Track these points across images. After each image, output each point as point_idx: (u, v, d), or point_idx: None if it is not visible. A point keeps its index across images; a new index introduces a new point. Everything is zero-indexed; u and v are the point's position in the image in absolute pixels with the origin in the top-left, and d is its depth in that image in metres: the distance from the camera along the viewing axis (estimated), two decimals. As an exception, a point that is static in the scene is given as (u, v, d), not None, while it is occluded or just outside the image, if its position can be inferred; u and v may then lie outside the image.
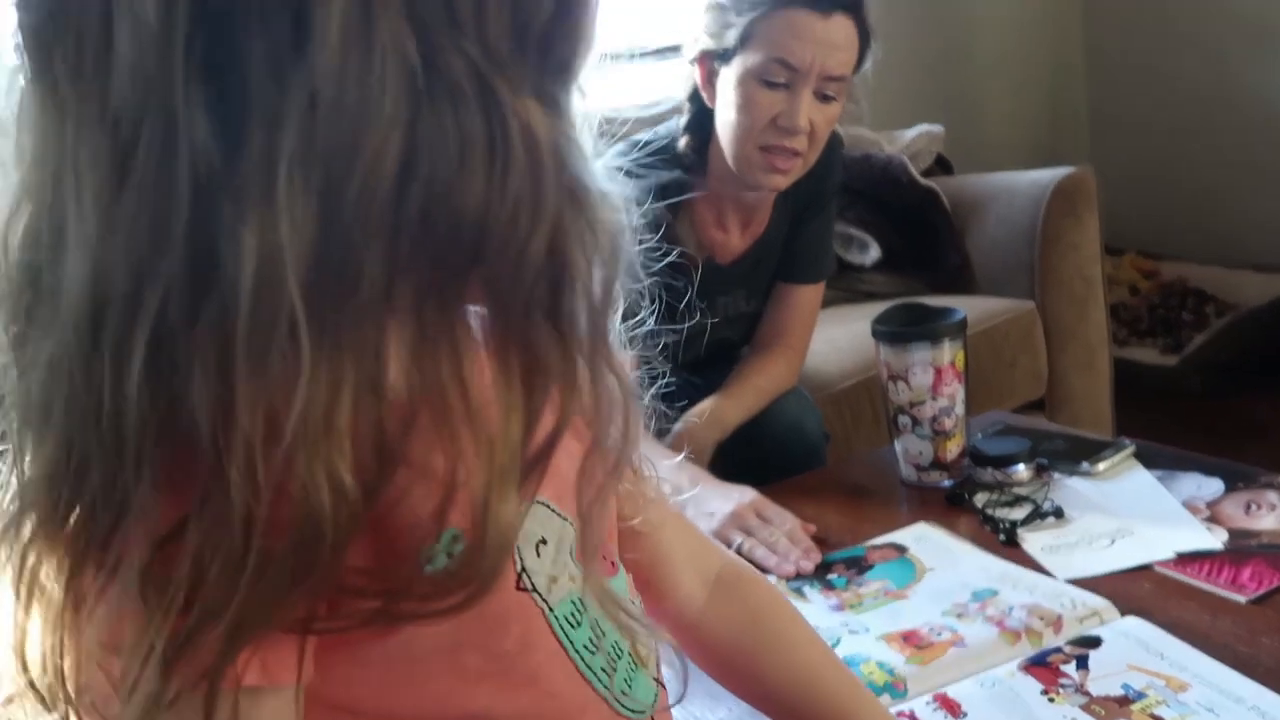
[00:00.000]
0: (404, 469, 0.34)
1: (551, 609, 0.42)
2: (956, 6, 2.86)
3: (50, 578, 0.34)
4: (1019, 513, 1.03)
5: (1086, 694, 0.74)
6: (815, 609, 0.91)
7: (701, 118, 1.29)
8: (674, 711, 0.49)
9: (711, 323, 1.37)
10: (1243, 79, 2.76)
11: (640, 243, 0.39)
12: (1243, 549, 0.92)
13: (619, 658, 0.44)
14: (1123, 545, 0.95)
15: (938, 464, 1.14)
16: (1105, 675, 0.76)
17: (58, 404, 0.33)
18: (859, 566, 0.97)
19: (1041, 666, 0.78)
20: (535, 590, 0.41)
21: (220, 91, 0.31)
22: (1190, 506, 1.01)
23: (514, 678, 0.40)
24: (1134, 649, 0.78)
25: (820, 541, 1.02)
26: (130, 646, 0.32)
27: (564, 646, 0.42)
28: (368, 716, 0.38)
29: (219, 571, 0.32)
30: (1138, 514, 1.01)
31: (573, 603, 0.43)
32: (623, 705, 0.44)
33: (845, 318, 1.85)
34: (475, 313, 0.37)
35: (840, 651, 0.82)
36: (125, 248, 0.31)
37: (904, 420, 1.14)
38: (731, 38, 1.19)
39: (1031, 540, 0.98)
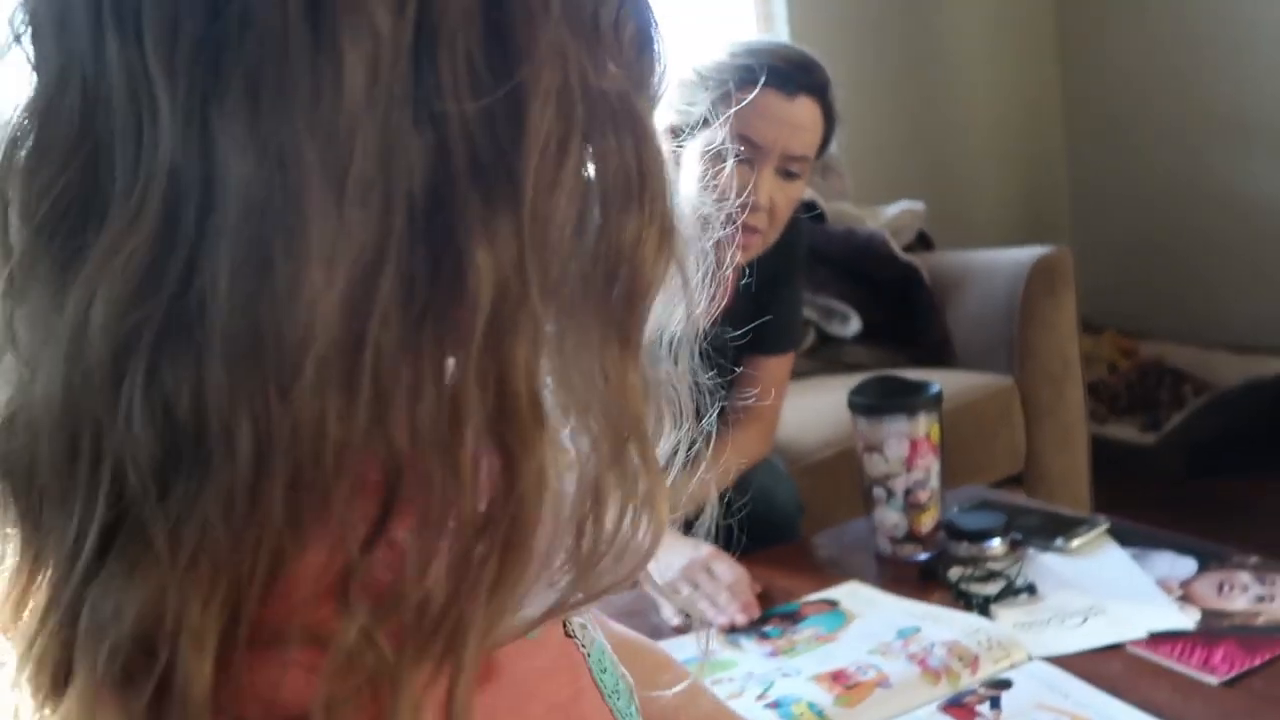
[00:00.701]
0: None
1: (589, 654, 0.42)
2: (941, 87, 2.93)
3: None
4: (992, 588, 1.02)
5: None
6: (751, 656, 0.96)
7: None
8: None
9: None
10: (1219, 168, 2.83)
11: None
12: (1215, 630, 0.91)
13: (632, 701, 0.45)
14: (1095, 624, 0.95)
15: (912, 537, 1.13)
16: (1017, 714, 0.83)
17: (244, 432, 0.30)
18: (793, 619, 1.03)
19: (958, 707, 0.84)
20: (575, 635, 0.42)
21: (432, 107, 0.31)
22: (1164, 585, 1.01)
23: None
24: (1041, 690, 0.85)
25: (765, 598, 1.07)
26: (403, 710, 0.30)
27: (601, 692, 0.42)
28: None
29: (453, 590, 0.31)
30: (1111, 592, 1.01)
31: (599, 647, 0.43)
32: None
33: (826, 388, 1.86)
34: None
35: (773, 694, 0.88)
36: (345, 271, 0.30)
37: (879, 492, 1.14)
38: (697, 113, 1.22)
39: (1004, 616, 0.97)
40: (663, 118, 1.19)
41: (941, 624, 0.95)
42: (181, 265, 0.30)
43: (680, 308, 0.38)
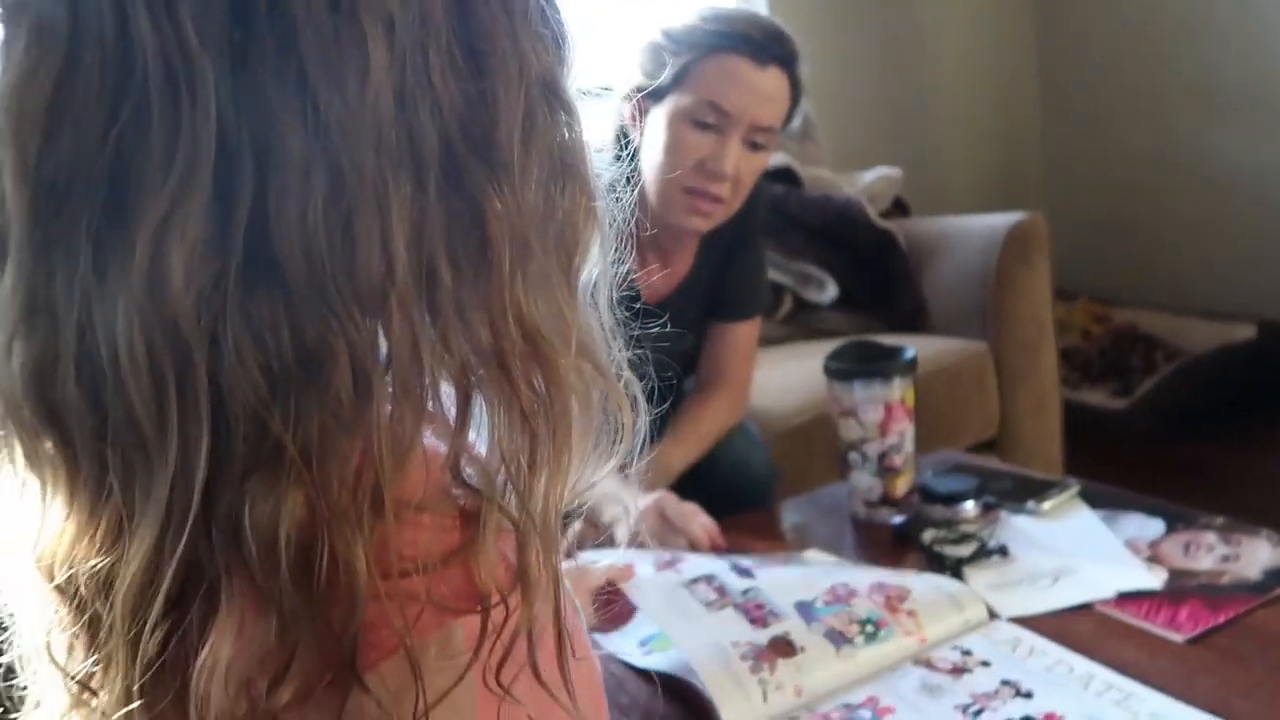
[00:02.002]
0: None
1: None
2: (918, 55, 2.92)
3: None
4: (965, 550, 1.03)
5: None
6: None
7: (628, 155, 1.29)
8: None
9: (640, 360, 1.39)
10: (1191, 136, 2.85)
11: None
12: (1181, 589, 0.93)
13: None
14: (1065, 584, 0.96)
15: (887, 500, 1.14)
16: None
17: (342, 352, 0.36)
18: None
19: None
20: None
21: (431, 90, 0.38)
22: (1132, 546, 1.02)
23: None
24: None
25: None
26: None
27: None
28: None
29: (531, 460, 0.40)
30: (1081, 553, 1.02)
31: None
32: None
33: (801, 355, 1.86)
34: None
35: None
36: (402, 221, 0.37)
37: (854, 457, 1.15)
38: (666, 76, 1.20)
39: (976, 578, 0.98)
40: (629, 79, 1.18)
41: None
42: (247, 220, 0.35)
43: (599, 260, 0.46)
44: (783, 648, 0.85)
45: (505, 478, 0.40)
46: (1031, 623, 0.89)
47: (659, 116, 1.22)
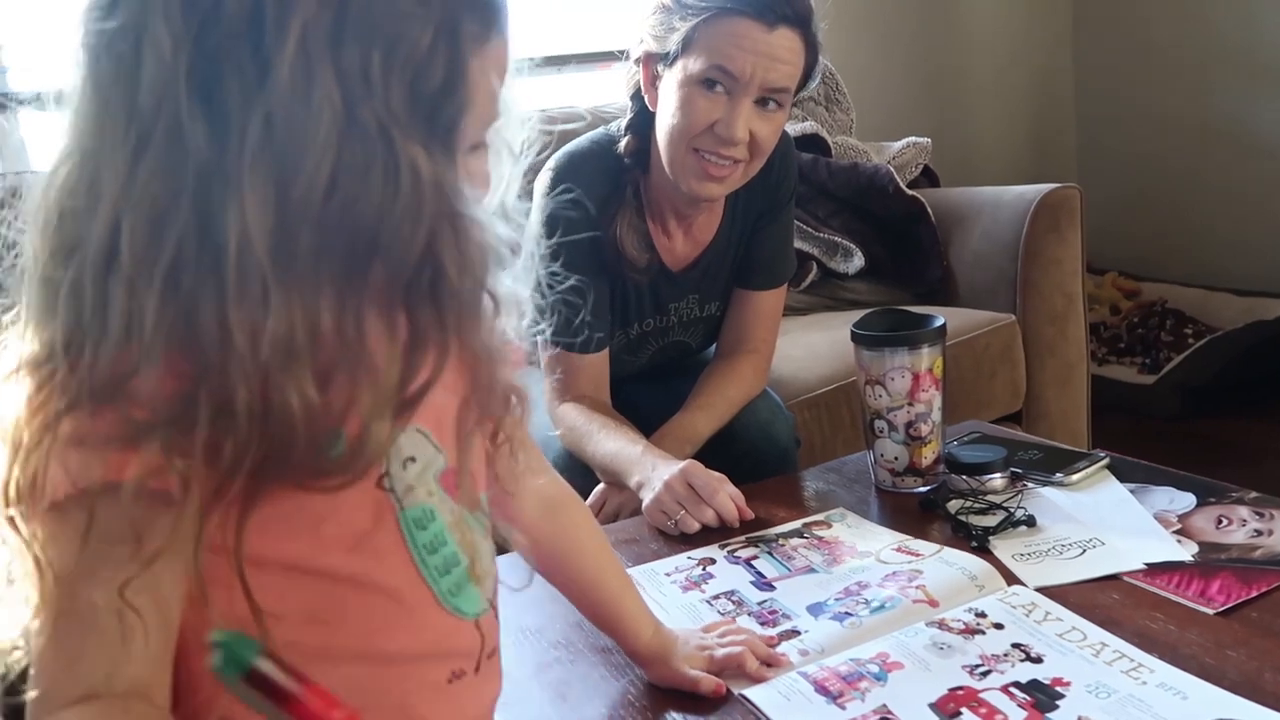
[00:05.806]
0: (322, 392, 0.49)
1: (403, 509, 0.57)
2: (950, 23, 2.87)
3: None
4: (991, 520, 1.03)
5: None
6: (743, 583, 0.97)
7: (644, 120, 1.28)
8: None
9: (664, 326, 1.38)
10: (1226, 108, 2.79)
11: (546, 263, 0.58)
12: (1212, 562, 0.92)
13: (455, 566, 0.59)
14: (1093, 555, 0.95)
15: (913, 470, 1.14)
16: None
17: (69, 303, 0.47)
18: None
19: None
20: (392, 491, 0.56)
21: (210, 106, 0.46)
22: (1161, 519, 1.01)
23: (361, 548, 0.56)
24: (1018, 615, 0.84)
25: (760, 526, 1.08)
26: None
27: (404, 538, 0.57)
28: (257, 559, 0.52)
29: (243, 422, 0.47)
30: (1109, 525, 1.01)
31: (424, 510, 0.58)
32: (447, 601, 0.59)
33: (827, 324, 1.85)
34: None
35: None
36: (147, 209, 0.46)
37: (880, 425, 1.14)
38: (674, 41, 1.18)
39: (1003, 548, 0.98)
40: (640, 44, 1.18)
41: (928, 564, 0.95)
42: (194, 187, 0.47)
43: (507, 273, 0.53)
44: (788, 635, 0.86)
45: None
46: (1059, 592, 0.88)
47: (670, 82, 1.20)
